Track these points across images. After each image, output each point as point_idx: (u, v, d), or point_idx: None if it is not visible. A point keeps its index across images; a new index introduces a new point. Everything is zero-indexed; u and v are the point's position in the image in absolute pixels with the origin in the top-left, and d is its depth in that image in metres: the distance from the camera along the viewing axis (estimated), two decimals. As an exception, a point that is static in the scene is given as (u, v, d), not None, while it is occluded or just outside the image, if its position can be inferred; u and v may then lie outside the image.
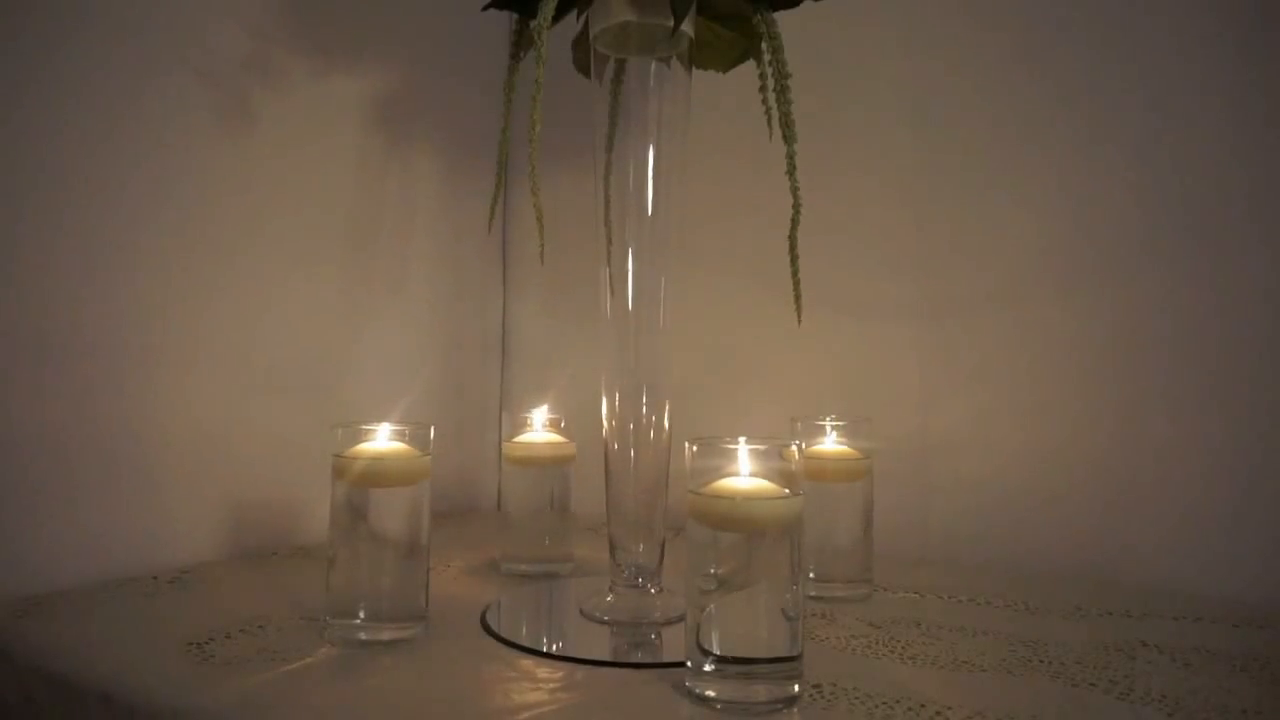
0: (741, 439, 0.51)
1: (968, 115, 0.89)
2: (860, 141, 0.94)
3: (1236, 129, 0.77)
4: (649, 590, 0.66)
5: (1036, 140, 0.85)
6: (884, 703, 0.50)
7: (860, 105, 0.94)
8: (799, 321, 0.65)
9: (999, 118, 0.87)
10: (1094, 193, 0.83)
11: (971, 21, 0.89)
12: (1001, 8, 0.87)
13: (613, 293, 0.67)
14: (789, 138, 0.63)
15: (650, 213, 0.66)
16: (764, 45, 0.64)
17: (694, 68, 0.68)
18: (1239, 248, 0.76)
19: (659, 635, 0.62)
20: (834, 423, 0.74)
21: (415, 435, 0.61)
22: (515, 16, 0.69)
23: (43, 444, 0.70)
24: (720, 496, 0.50)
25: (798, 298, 0.65)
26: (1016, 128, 0.86)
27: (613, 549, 0.67)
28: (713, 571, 0.49)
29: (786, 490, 0.50)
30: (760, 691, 0.49)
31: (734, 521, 0.49)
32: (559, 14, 0.60)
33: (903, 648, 0.60)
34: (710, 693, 0.49)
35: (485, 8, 0.67)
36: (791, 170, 0.64)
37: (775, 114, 0.64)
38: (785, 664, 0.49)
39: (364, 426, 0.60)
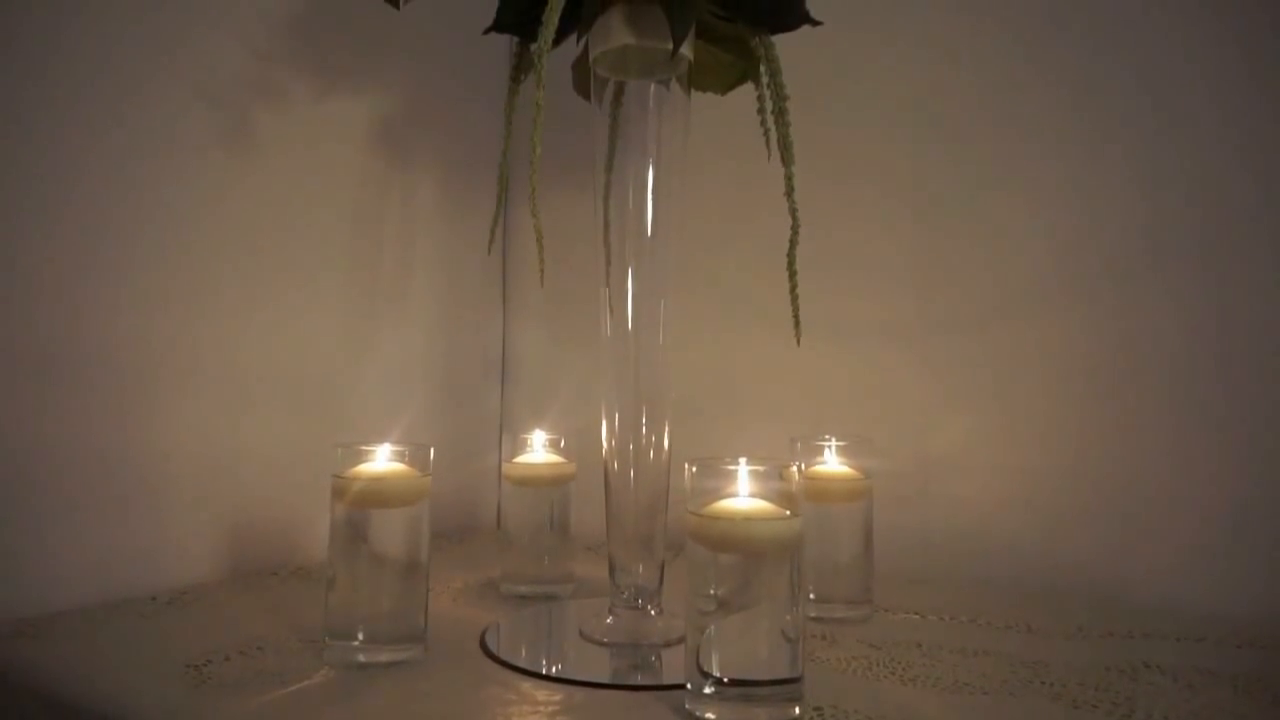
0: (741, 459, 0.51)
1: (966, 135, 0.89)
2: (859, 162, 0.94)
3: (1245, 142, 0.77)
4: (649, 612, 0.66)
5: (1036, 160, 0.86)
6: (885, 725, 0.49)
7: (858, 126, 0.95)
8: (798, 341, 0.66)
9: (998, 138, 0.88)
10: (1092, 215, 0.83)
11: (971, 44, 0.89)
12: (1003, 29, 0.88)
13: (612, 312, 0.67)
14: (787, 159, 0.64)
15: (650, 233, 0.66)
16: (762, 68, 0.64)
17: (693, 90, 0.68)
18: (1246, 264, 0.76)
19: (659, 657, 0.62)
20: (834, 443, 0.73)
21: (415, 455, 0.61)
22: (516, 39, 0.69)
23: (41, 464, 0.70)
24: (720, 517, 0.50)
25: (796, 317, 0.65)
26: (1016, 148, 0.87)
27: (612, 570, 0.67)
28: (712, 593, 0.49)
29: (786, 511, 0.50)
30: (760, 714, 0.48)
31: (733, 542, 0.49)
32: (559, 37, 0.61)
33: (904, 669, 0.59)
34: (710, 715, 0.49)
35: (486, 30, 0.67)
36: (790, 191, 0.64)
37: (774, 135, 0.64)
38: (786, 686, 0.49)
39: (364, 447, 0.60)
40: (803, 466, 0.52)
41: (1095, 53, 0.83)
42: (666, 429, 0.67)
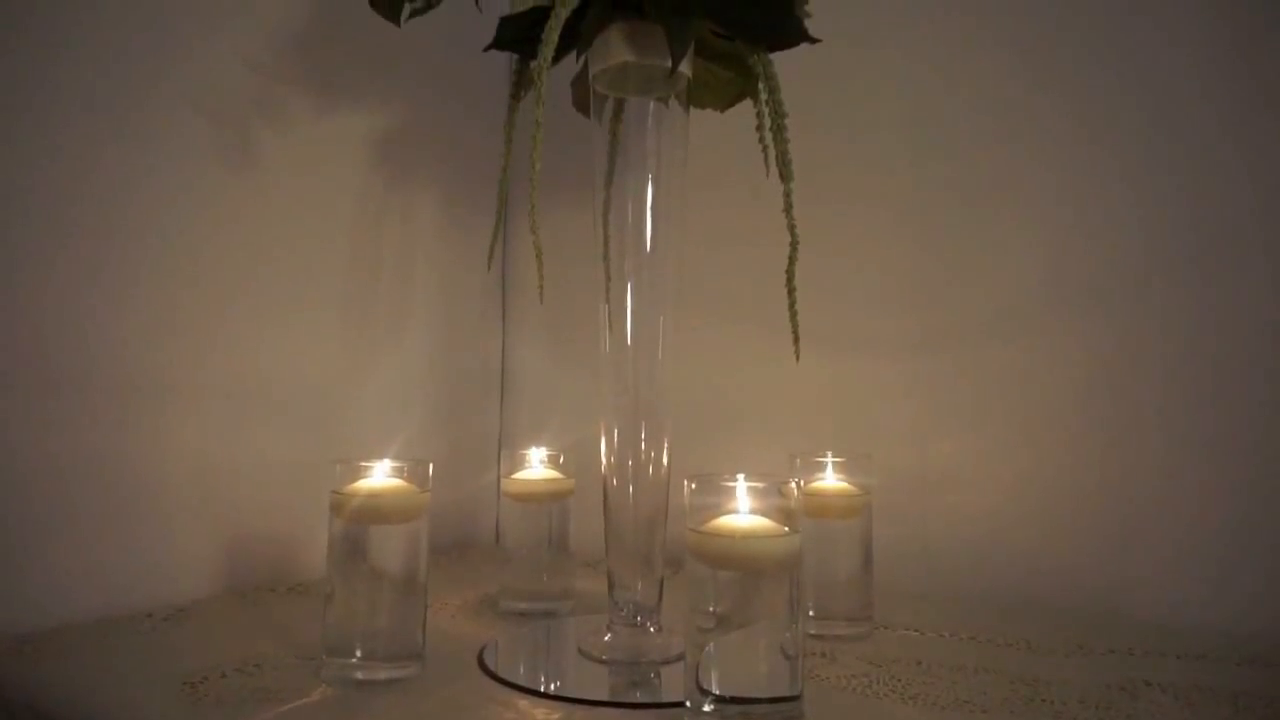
0: (740, 476, 0.51)
1: (965, 151, 0.90)
2: (858, 178, 0.95)
3: (1244, 157, 0.77)
4: (648, 629, 0.66)
5: (1033, 175, 0.86)
6: (885, 743, 0.49)
7: (858, 142, 0.95)
8: (797, 357, 0.66)
9: (995, 154, 0.88)
10: (1088, 229, 0.83)
11: (968, 61, 0.90)
12: (1000, 47, 0.88)
13: (612, 329, 0.67)
14: (786, 176, 0.64)
15: (649, 249, 0.67)
16: (761, 85, 0.65)
17: (692, 106, 0.68)
18: (1241, 278, 0.77)
19: (658, 674, 0.62)
20: (833, 459, 0.73)
21: (414, 471, 0.61)
22: (516, 57, 0.70)
23: (39, 479, 0.70)
24: (719, 534, 0.50)
25: (795, 334, 0.66)
26: (1013, 164, 0.87)
27: (611, 586, 0.67)
28: (712, 610, 0.49)
29: (785, 528, 0.50)
30: (760, 732, 0.48)
31: (733, 559, 0.49)
32: (559, 54, 0.61)
33: (903, 687, 0.59)
34: (709, 733, 0.49)
35: (487, 48, 0.67)
36: (788, 208, 0.64)
37: (772, 152, 0.65)
38: (785, 704, 0.49)
39: (362, 463, 0.60)
40: (802, 483, 0.52)
41: (1093, 70, 0.84)
42: (665, 445, 0.67)
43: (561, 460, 0.81)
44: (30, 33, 0.70)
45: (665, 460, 0.67)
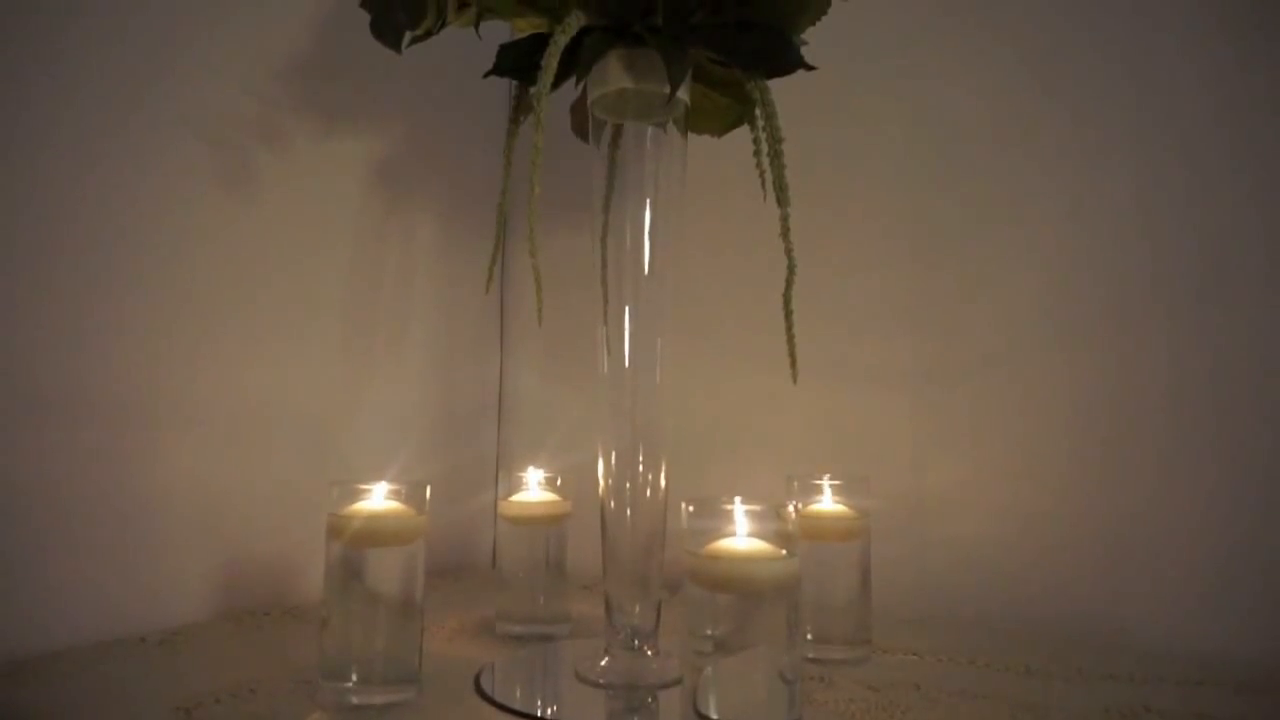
0: (737, 499, 0.51)
1: (965, 176, 0.90)
2: (855, 202, 0.95)
3: (1254, 186, 0.77)
4: (645, 653, 0.65)
5: (1035, 202, 0.87)
6: (884, 769, 0.49)
7: (855, 167, 0.96)
8: (794, 380, 0.66)
9: (996, 180, 0.89)
10: (1088, 257, 0.84)
11: (968, 86, 0.91)
12: (1002, 71, 0.89)
13: (610, 352, 0.67)
14: (782, 201, 0.64)
15: (647, 273, 0.67)
16: (758, 111, 0.65)
17: (690, 132, 0.69)
18: (1246, 307, 0.77)
19: (655, 699, 0.62)
20: (830, 482, 0.73)
21: (411, 494, 0.61)
22: (515, 82, 0.70)
23: (31, 503, 0.70)
24: (718, 557, 0.50)
25: (793, 357, 0.66)
26: (1014, 190, 0.88)
27: (609, 610, 0.66)
28: (710, 633, 0.49)
29: (784, 551, 0.50)
30: (758, 757, 0.48)
31: (730, 583, 0.49)
32: (558, 80, 0.62)
33: (902, 712, 0.59)
34: (707, 759, 0.48)
35: (487, 74, 0.68)
36: (785, 232, 0.65)
37: (769, 177, 0.65)
38: (783, 729, 0.48)
39: (360, 485, 0.60)
40: (799, 506, 0.52)
41: (1098, 95, 0.84)
42: (663, 468, 0.67)
43: (559, 483, 0.81)
44: (25, 49, 0.70)
45: (663, 483, 0.67)
